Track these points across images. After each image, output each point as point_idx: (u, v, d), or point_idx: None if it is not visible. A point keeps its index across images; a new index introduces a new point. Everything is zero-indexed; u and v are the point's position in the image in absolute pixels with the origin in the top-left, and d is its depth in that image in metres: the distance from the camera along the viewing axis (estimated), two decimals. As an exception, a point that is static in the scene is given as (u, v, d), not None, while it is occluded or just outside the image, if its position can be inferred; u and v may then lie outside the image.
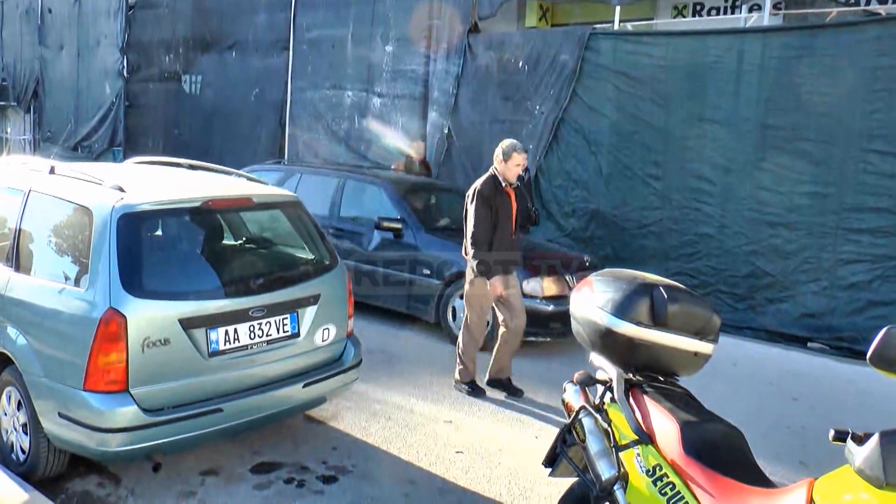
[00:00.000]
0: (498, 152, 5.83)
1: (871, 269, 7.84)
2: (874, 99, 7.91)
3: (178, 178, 5.00)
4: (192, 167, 5.42)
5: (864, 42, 7.99)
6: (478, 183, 5.85)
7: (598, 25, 10.31)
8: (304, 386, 4.42)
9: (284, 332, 4.36)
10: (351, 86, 12.45)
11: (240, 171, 5.28)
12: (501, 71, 10.68)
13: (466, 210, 5.87)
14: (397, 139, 11.88)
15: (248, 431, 4.54)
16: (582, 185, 9.98)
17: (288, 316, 4.39)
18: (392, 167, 10.11)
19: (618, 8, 9.97)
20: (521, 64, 10.44)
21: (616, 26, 10.15)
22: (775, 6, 9.62)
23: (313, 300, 4.52)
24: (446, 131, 11.20)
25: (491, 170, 5.88)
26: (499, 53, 10.70)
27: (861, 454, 1.94)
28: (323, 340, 4.57)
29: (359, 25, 12.33)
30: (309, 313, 4.49)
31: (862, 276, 7.90)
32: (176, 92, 15.40)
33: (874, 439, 1.91)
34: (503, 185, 5.81)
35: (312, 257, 4.87)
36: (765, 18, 9.34)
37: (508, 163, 5.77)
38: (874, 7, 9.71)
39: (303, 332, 4.45)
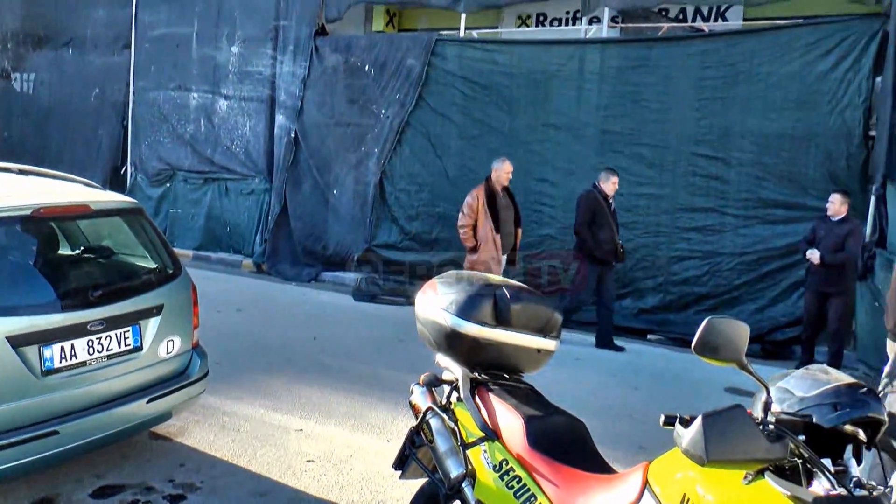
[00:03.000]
0: None
1: (700, 266, 8.46)
2: (701, 107, 8.54)
3: (6, 185, 4.67)
4: (22, 172, 5.06)
5: (692, 55, 8.61)
6: None
7: (444, 32, 10.52)
8: (149, 401, 4.23)
9: (126, 345, 4.17)
10: (196, 87, 12.09)
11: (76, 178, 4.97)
12: (348, 74, 10.71)
13: None
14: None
15: (89, 453, 4.30)
16: (427, 189, 10.17)
17: (129, 328, 4.20)
18: (468, 200, 7.62)
19: (464, 15, 10.21)
20: (367, 67, 10.51)
21: (462, 33, 10.38)
22: (613, 19, 10.16)
23: (156, 311, 4.35)
24: (293, 135, 11.08)
25: None
26: (345, 56, 10.73)
27: (687, 436, 2.06)
28: (167, 353, 4.41)
29: (204, 24, 11.99)
30: (152, 325, 4.32)
31: (693, 271, 8.50)
32: (5, 91, 14.40)
33: (697, 422, 2.04)
34: None
35: (155, 266, 4.67)
36: (604, 30, 9.84)
37: None
38: (699, 24, 10.44)
39: (146, 344, 4.27)
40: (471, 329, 2.92)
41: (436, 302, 3.03)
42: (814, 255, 7.20)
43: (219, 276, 10.65)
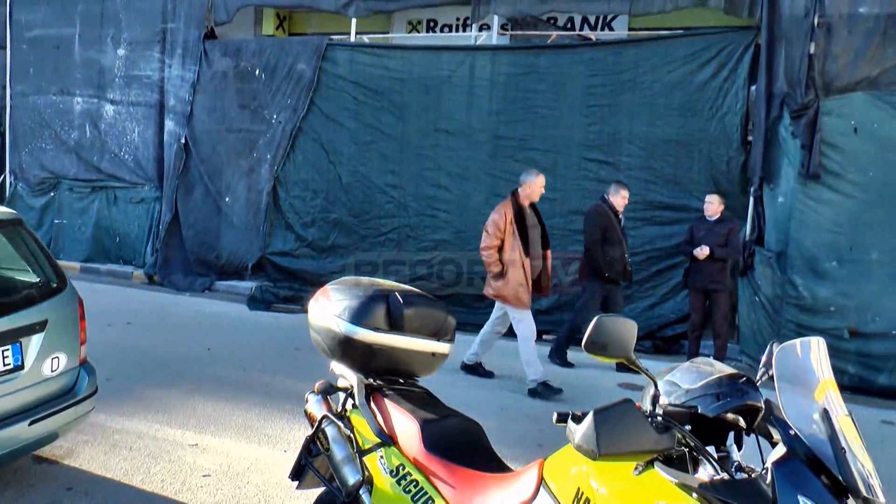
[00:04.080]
0: None
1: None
2: (590, 113, 8.81)
3: None
4: None
5: (580, 63, 8.87)
6: None
7: (335, 36, 10.48)
8: (31, 423, 4.01)
9: (6, 365, 3.96)
10: (81, 91, 11.62)
11: None
12: (238, 78, 10.54)
13: None
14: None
15: (-35, 478, 4.06)
16: (322, 195, 10.13)
17: (9, 347, 3.99)
18: (495, 217, 6.78)
19: (354, 20, 10.19)
20: (258, 72, 10.37)
21: (353, 38, 10.36)
22: (503, 27, 10.34)
23: (39, 327, 4.14)
24: (183, 141, 10.80)
25: None
26: (235, 60, 10.57)
27: (579, 432, 2.11)
28: (52, 371, 4.21)
29: (87, 25, 11.54)
30: (35, 342, 4.11)
31: (586, 272, 8.73)
32: None
33: (589, 417, 2.09)
34: None
35: (37, 280, 4.46)
36: (493, 38, 10.00)
37: None
38: (587, 32, 10.77)
39: (28, 363, 4.06)
40: (364, 335, 2.92)
41: (329, 309, 3.02)
42: (703, 251, 7.37)
43: (108, 288, 10.26)
